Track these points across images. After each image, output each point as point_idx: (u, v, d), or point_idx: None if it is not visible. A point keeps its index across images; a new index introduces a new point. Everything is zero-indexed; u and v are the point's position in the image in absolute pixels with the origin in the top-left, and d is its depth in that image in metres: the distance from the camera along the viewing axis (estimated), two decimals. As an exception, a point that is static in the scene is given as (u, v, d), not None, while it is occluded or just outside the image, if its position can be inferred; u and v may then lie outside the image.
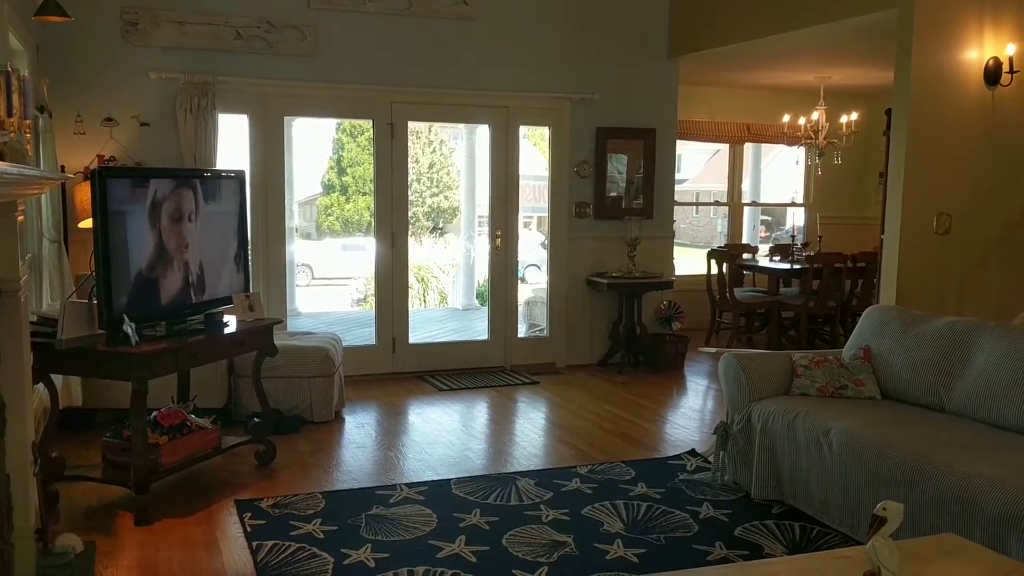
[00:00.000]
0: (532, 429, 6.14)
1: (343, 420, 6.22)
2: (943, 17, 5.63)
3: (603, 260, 8.03)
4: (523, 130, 8.09)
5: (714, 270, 8.95)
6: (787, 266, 8.96)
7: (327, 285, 16.78)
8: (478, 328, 8.98)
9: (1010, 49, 5.70)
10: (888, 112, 6.31)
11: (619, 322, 8.03)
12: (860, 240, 9.85)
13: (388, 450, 5.57)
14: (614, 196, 8.12)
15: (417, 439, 5.80)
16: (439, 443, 5.70)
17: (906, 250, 5.77)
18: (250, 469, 5.11)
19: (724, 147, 10.96)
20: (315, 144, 18.95)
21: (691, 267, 10.19)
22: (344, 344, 6.84)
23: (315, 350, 6.13)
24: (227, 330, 4.95)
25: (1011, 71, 5.70)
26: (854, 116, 8.85)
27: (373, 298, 7.90)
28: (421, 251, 16.68)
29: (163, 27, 6.53)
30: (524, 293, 9.04)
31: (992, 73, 5.72)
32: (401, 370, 7.57)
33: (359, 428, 6.04)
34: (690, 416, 6.54)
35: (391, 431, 6.02)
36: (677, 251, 9.03)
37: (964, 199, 5.86)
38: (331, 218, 20.32)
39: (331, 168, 20.26)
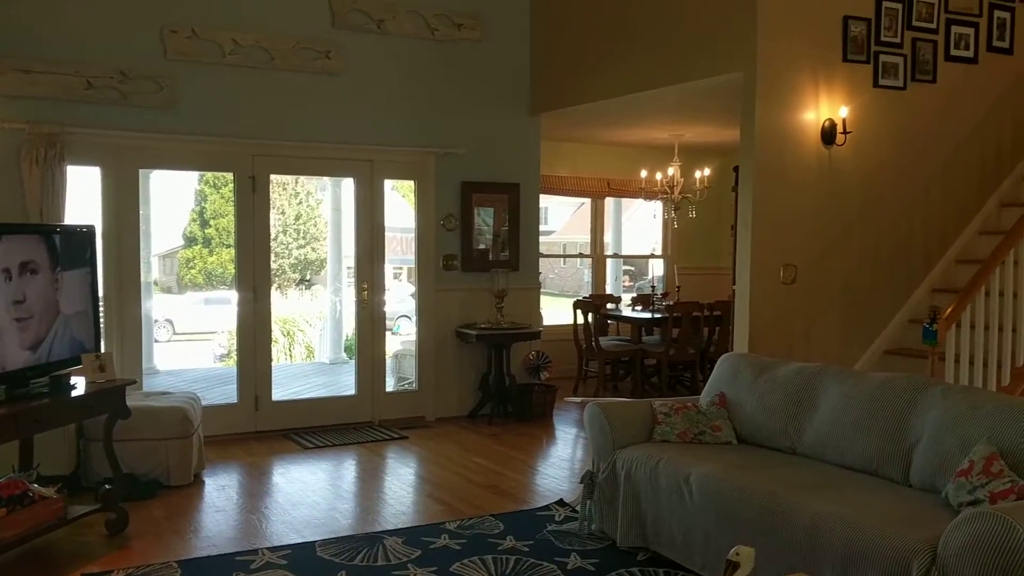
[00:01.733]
0: (400, 485, 6.06)
1: (203, 483, 5.97)
2: (783, 81, 6.02)
3: (471, 312, 8.08)
4: (391, 183, 8.10)
5: (580, 320, 9.14)
6: (648, 315, 9.25)
7: (189, 340, 16.19)
8: (345, 382, 8.83)
9: (843, 111, 6.14)
10: (736, 169, 6.66)
11: (488, 373, 8.06)
12: (716, 289, 10.27)
13: (250, 513, 5.38)
14: (481, 248, 8.20)
15: (281, 500, 5.63)
16: (304, 504, 5.54)
17: (756, 299, 6.06)
18: (100, 539, 4.82)
19: (588, 200, 11.28)
20: (176, 195, 18.39)
21: (559, 317, 10.37)
22: (204, 403, 6.60)
23: (172, 410, 5.89)
24: (74, 393, 4.70)
25: (844, 132, 6.13)
26: (707, 172, 9.30)
27: (236, 354, 7.67)
28: (287, 304, 16.34)
29: (7, 75, 6.23)
30: (393, 345, 8.97)
31: (828, 133, 6.14)
32: (265, 428, 7.35)
33: (219, 491, 5.81)
34: (559, 466, 6.60)
35: (253, 493, 5.81)
36: (545, 301, 9.19)
37: (808, 251, 6.22)
38: (193, 271, 19.70)
39: (193, 220, 19.69)
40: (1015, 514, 3.05)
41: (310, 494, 5.74)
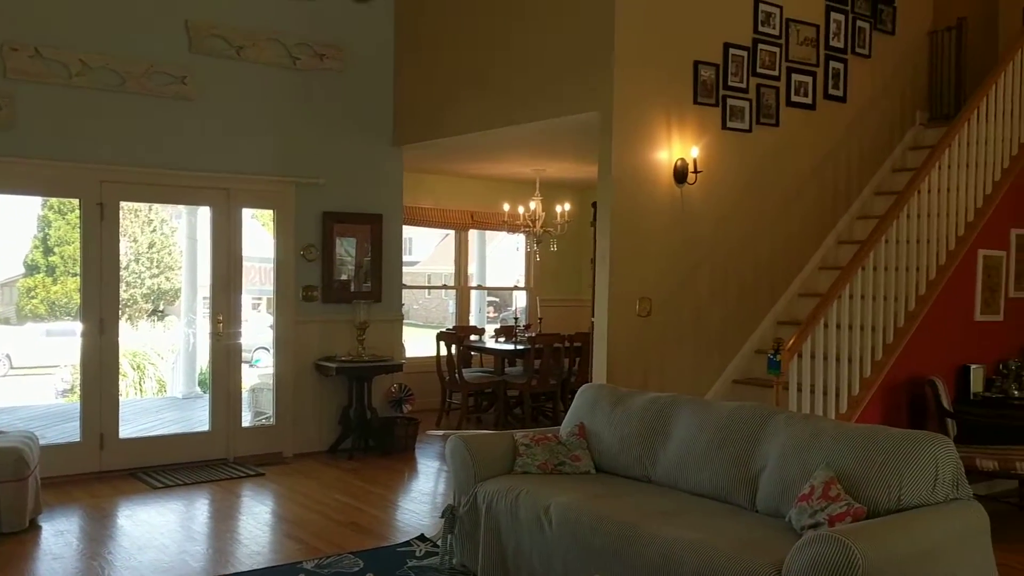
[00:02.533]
0: (256, 524, 5.86)
1: (39, 528, 5.60)
2: (637, 121, 6.24)
3: (332, 344, 7.94)
4: (249, 211, 7.90)
5: (443, 351, 9.14)
6: (511, 346, 9.34)
7: (28, 375, 15.22)
8: (199, 418, 8.49)
9: (694, 152, 6.42)
10: (594, 204, 6.84)
11: (349, 407, 7.93)
12: (577, 321, 10.49)
13: (91, 559, 5.08)
14: (343, 280, 8.10)
15: (126, 544, 5.34)
16: (151, 547, 5.27)
17: (614, 331, 6.22)
18: (-81, 594, 4.45)
19: (452, 231, 11.33)
20: (16, 221, 17.34)
21: (424, 348, 10.33)
22: (43, 441, 6.22)
23: (5, 451, 5.51)
24: None
25: (695, 171, 6.41)
26: (567, 206, 9.52)
27: (80, 388, 7.25)
28: (138, 336, 15.63)
29: None
30: (250, 379, 8.71)
31: (680, 172, 6.40)
32: (111, 468, 6.98)
33: (57, 536, 5.46)
34: (421, 500, 6.54)
35: (95, 537, 5.49)
36: (411, 332, 9.15)
37: (662, 284, 6.44)
38: (35, 301, 18.55)
39: (36, 247, 18.59)
40: (851, 536, 3.24)
41: (158, 536, 5.48)
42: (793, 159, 7.15)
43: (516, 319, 10.29)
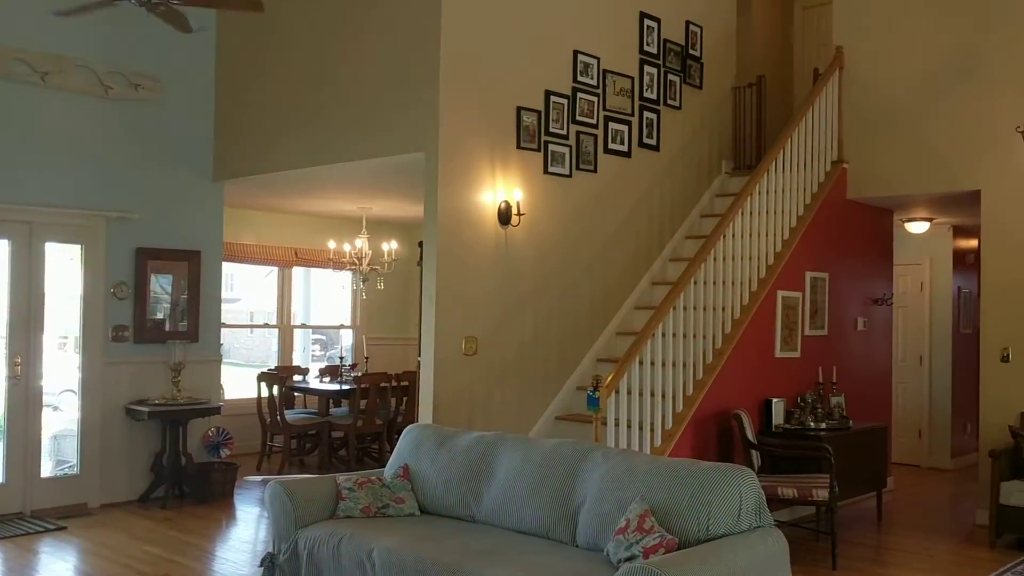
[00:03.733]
0: (55, 583, 5.45)
1: None
2: (462, 163, 6.35)
3: (145, 387, 7.54)
4: (54, 246, 7.40)
5: (264, 392, 8.87)
6: (336, 387, 9.18)
7: None
8: (-8, 469, 7.82)
9: (517, 194, 6.59)
10: (421, 244, 6.88)
11: (162, 453, 7.54)
12: (405, 359, 10.45)
13: None
14: (157, 318, 7.73)
15: (-99, 613, 4.84)
16: (-69, 615, 4.80)
17: (440, 371, 6.24)
18: None
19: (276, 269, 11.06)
20: None
21: (246, 389, 9.95)
22: None
23: None
24: None
25: (519, 213, 6.58)
26: (394, 244, 9.52)
27: None
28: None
29: None
30: (52, 425, 8.10)
31: (504, 214, 6.55)
32: None
33: None
34: (240, 549, 6.29)
35: None
36: (233, 372, 8.84)
37: (487, 323, 6.54)
38: None
39: None
40: (663, 567, 3.39)
41: (-60, 603, 5.00)
42: (611, 204, 7.47)
43: (341, 358, 10.13)
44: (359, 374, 9.16)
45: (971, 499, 7.54)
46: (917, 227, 9.17)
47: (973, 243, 9.40)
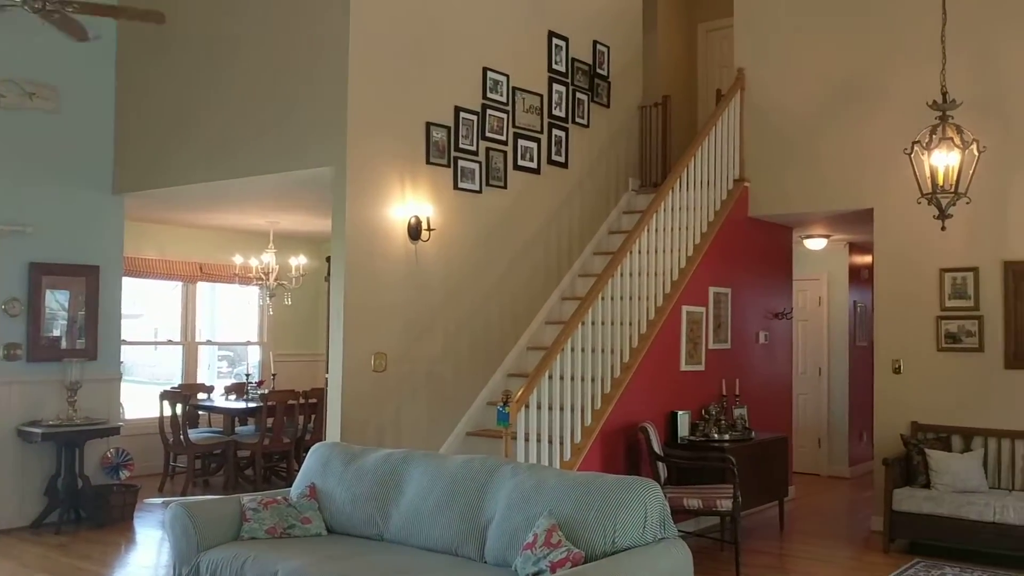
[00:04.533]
0: (-62, 616, 5.17)
1: None
2: (372, 178, 6.32)
3: (38, 407, 7.24)
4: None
5: (168, 411, 8.61)
6: (242, 404, 8.98)
7: None
8: None
9: (427, 210, 6.59)
10: (329, 259, 6.81)
11: (57, 476, 7.24)
12: (313, 376, 10.29)
13: None
14: (53, 336, 7.44)
15: None
16: None
17: (348, 388, 6.17)
18: None
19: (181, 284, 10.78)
20: None
21: (150, 408, 9.62)
22: None
23: None
24: None
25: (429, 228, 6.57)
26: (303, 259, 9.39)
27: None
28: None
29: None
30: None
31: (414, 229, 6.54)
32: None
33: None
34: (139, 574, 6.09)
35: None
36: (136, 390, 8.57)
37: (397, 339, 6.50)
38: None
39: None
40: (568, 581, 3.42)
41: None
42: (521, 219, 7.53)
43: (248, 375, 9.92)
44: (266, 391, 8.98)
45: (868, 506, 7.83)
46: (815, 244, 9.52)
47: (867, 259, 9.79)
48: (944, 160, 5.67)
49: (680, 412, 7.21)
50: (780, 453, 7.74)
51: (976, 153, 5.76)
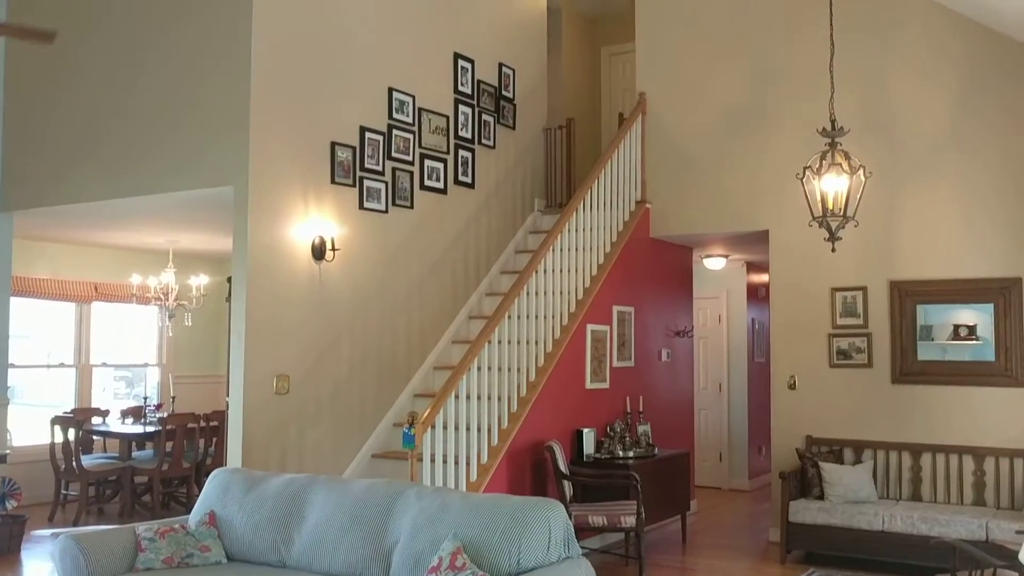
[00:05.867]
0: None
1: None
2: (274, 197, 6.23)
3: (-84, 436, 6.87)
4: None
5: (60, 437, 8.26)
6: (140, 428, 8.70)
7: None
8: None
9: (332, 230, 6.53)
10: (230, 279, 6.68)
11: (-63, 508, 6.88)
12: (215, 398, 10.05)
13: None
14: (-68, 361, 7.07)
15: None
16: None
17: (250, 411, 6.05)
18: None
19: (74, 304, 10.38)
20: None
21: (41, 434, 9.22)
22: None
23: None
24: None
25: (334, 248, 6.52)
26: (203, 279, 9.16)
27: None
28: None
29: None
30: None
31: (318, 249, 6.47)
32: None
33: None
34: (25, 609, 5.81)
35: None
36: (26, 415, 8.20)
37: (301, 361, 6.41)
38: None
39: None
40: (472, 603, 3.41)
41: None
42: (427, 239, 7.53)
43: (146, 398, 9.61)
44: (165, 415, 8.72)
45: (766, 518, 8.07)
46: (714, 263, 9.80)
47: (764, 278, 10.13)
48: (833, 185, 5.91)
49: (586, 430, 7.30)
50: (682, 468, 7.91)
51: (863, 178, 6.02)
